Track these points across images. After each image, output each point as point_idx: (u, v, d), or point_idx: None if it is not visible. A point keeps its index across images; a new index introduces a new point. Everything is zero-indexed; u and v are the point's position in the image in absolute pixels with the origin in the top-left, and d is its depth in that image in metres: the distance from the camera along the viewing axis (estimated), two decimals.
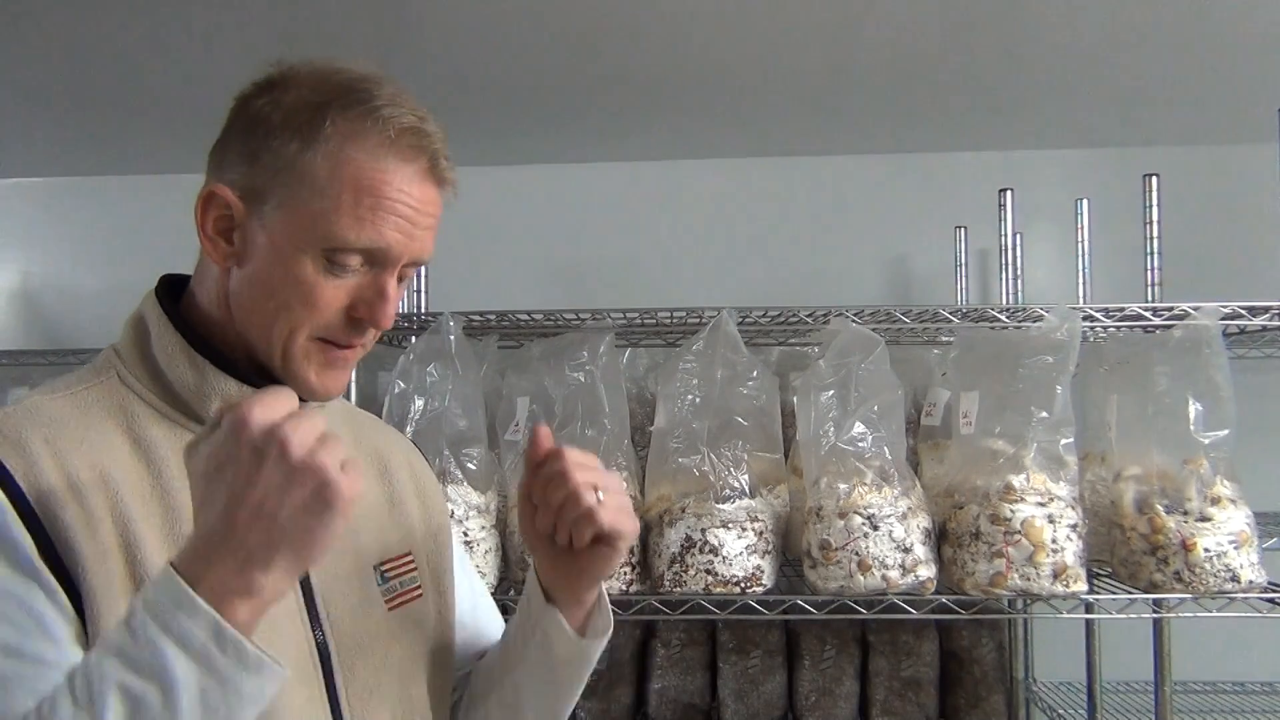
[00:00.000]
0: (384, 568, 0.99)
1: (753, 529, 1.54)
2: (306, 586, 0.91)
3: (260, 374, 0.90)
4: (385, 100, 0.86)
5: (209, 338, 0.90)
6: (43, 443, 0.81)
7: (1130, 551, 1.58)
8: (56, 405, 0.85)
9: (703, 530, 1.52)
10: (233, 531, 0.70)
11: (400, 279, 0.91)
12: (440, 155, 0.89)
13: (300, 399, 0.91)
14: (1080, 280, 2.21)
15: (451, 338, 1.66)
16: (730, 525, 1.53)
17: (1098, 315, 1.67)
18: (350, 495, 0.71)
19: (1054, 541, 1.48)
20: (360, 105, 0.86)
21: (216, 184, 0.87)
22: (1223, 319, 1.62)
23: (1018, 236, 2.26)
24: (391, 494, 1.05)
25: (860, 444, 1.54)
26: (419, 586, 1.02)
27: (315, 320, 0.86)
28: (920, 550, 1.50)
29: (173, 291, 0.94)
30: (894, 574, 1.49)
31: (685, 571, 1.52)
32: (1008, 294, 2.25)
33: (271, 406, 0.72)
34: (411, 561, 1.03)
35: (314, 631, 0.90)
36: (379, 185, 0.85)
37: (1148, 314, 1.66)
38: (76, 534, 0.78)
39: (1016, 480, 1.50)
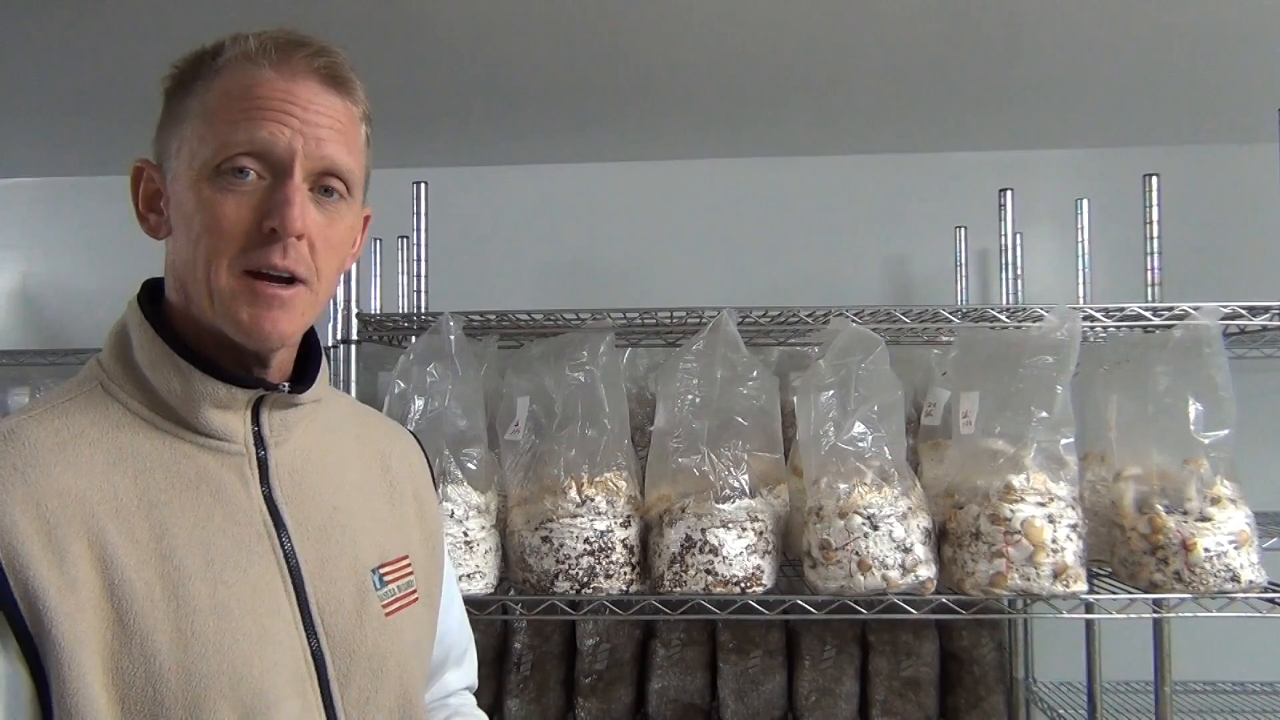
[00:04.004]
0: (382, 570, 0.96)
1: (753, 529, 1.54)
2: (301, 594, 0.88)
3: (244, 372, 0.89)
4: (253, 34, 0.89)
5: (184, 337, 0.87)
6: (11, 469, 0.78)
7: (1130, 551, 1.58)
8: (32, 427, 0.82)
9: (703, 530, 1.52)
10: None
11: (327, 192, 0.88)
12: (321, 54, 0.89)
13: (246, 351, 0.88)
14: (1080, 280, 2.21)
15: (451, 338, 1.66)
16: (730, 525, 1.53)
17: (1098, 315, 1.67)
18: None
19: (1054, 541, 1.48)
20: (232, 44, 0.88)
21: (139, 160, 0.91)
22: (1223, 319, 1.62)
23: (1018, 236, 2.27)
24: (391, 493, 1.03)
25: (860, 444, 1.54)
26: (415, 591, 1.00)
27: (229, 246, 0.84)
28: (920, 550, 1.50)
29: (156, 297, 0.92)
30: (894, 574, 1.49)
31: (685, 571, 1.52)
32: (1008, 294, 2.25)
33: None
34: (409, 564, 1.00)
35: (309, 640, 0.87)
36: (249, 88, 0.86)
37: (1148, 314, 1.66)
38: (39, 565, 0.75)
39: (1016, 480, 1.50)
